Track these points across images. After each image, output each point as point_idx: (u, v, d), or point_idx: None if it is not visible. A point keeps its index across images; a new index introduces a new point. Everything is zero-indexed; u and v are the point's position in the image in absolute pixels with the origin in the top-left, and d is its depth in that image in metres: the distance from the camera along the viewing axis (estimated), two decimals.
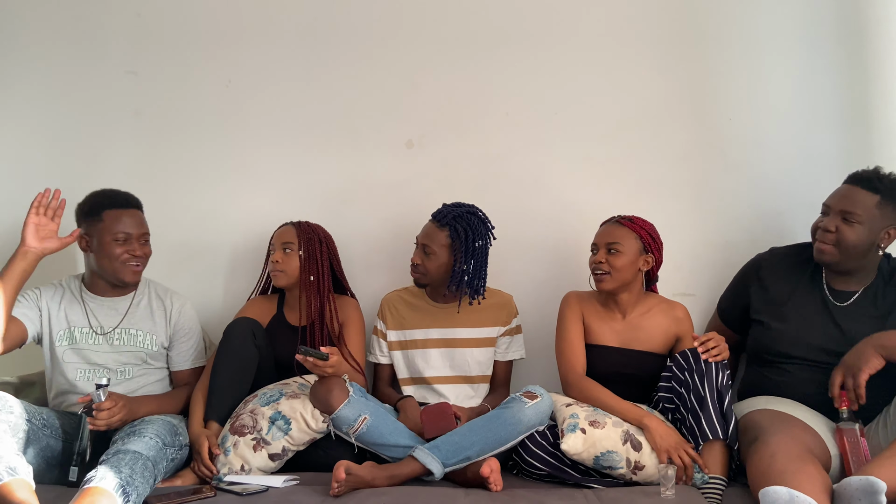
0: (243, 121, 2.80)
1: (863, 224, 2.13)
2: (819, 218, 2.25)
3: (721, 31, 2.78)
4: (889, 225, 2.15)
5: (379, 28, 2.81)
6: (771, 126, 2.75)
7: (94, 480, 1.74)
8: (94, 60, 2.80)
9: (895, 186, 2.15)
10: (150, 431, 2.01)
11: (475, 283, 2.45)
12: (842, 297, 2.24)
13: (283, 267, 2.45)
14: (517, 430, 2.10)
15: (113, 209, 2.30)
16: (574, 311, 2.40)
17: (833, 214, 2.18)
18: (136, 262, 2.29)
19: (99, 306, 2.34)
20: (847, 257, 2.18)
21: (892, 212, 2.15)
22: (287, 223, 2.54)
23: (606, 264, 2.31)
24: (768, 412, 2.13)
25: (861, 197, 2.14)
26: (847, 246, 2.15)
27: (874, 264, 2.23)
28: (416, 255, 2.49)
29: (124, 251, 2.27)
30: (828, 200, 2.23)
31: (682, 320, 2.39)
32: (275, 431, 2.15)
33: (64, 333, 2.29)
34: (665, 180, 2.76)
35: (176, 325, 2.39)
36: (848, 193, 2.17)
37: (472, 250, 2.43)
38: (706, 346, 2.15)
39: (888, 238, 2.17)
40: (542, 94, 2.79)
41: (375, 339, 2.59)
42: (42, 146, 2.79)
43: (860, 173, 2.19)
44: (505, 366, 2.56)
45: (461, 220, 2.45)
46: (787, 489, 1.72)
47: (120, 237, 2.27)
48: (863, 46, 2.75)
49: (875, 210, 2.13)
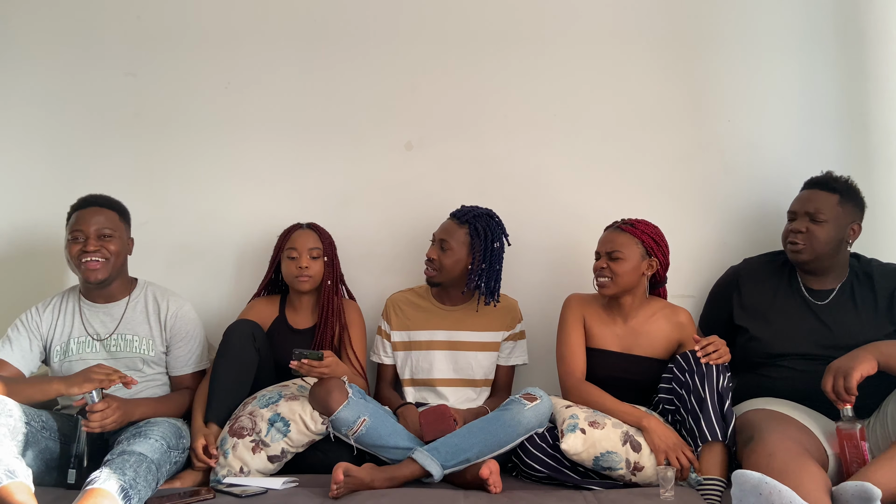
0: (242, 123, 2.80)
1: (829, 222, 2.30)
2: (787, 224, 2.40)
3: (720, 33, 2.79)
4: (852, 221, 2.34)
5: (378, 30, 2.82)
6: (770, 127, 2.76)
7: (98, 482, 1.74)
8: (93, 63, 2.81)
9: (849, 187, 2.35)
10: (155, 433, 2.00)
11: (491, 283, 2.47)
12: (821, 296, 2.36)
13: (311, 272, 2.45)
14: (516, 433, 2.10)
15: (76, 211, 2.29)
16: (575, 315, 2.40)
17: (801, 217, 2.35)
18: (91, 258, 2.23)
19: (94, 313, 2.32)
20: (820, 254, 2.32)
21: (853, 209, 2.34)
22: (302, 226, 2.54)
23: (608, 270, 2.31)
24: (763, 412, 2.14)
25: (823, 198, 2.32)
26: (819, 243, 2.31)
27: (845, 261, 2.39)
28: (433, 250, 2.49)
29: (78, 249, 2.23)
30: (793, 206, 2.40)
31: (685, 326, 2.37)
32: (274, 433, 2.14)
33: (62, 347, 2.29)
34: (664, 182, 2.76)
35: (172, 328, 2.34)
36: (811, 196, 2.35)
37: (491, 250, 2.46)
38: (706, 350, 2.15)
39: (854, 234, 2.35)
40: (542, 96, 2.80)
41: (379, 340, 2.59)
42: (42, 148, 2.79)
43: (817, 178, 2.39)
44: (507, 370, 2.56)
45: (481, 219, 2.48)
46: (758, 474, 1.73)
47: (77, 235, 2.24)
48: (861, 48, 2.76)
49: (838, 208, 2.31)
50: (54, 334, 2.30)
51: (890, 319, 2.28)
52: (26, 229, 2.77)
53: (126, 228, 2.36)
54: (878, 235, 2.64)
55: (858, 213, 2.36)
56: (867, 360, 1.99)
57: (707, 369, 2.12)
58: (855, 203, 2.34)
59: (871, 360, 1.99)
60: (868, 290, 2.34)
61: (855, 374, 1.96)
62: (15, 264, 2.77)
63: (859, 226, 2.36)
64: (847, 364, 2.00)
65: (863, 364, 1.97)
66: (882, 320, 2.28)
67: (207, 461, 2.12)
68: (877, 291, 2.32)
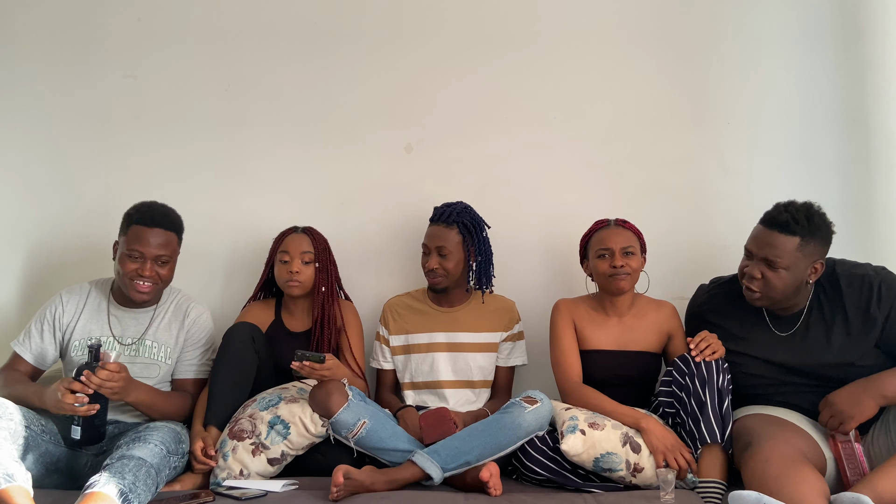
0: (242, 124, 2.80)
1: (788, 269, 2.10)
2: (744, 261, 2.21)
3: (720, 35, 2.79)
4: (814, 260, 2.12)
5: (377, 32, 2.82)
6: (769, 130, 2.76)
7: (97, 485, 1.74)
8: (93, 64, 2.81)
9: (811, 223, 2.10)
10: (154, 438, 2.00)
11: (489, 272, 2.53)
12: (786, 325, 2.21)
13: (301, 278, 2.45)
14: (517, 435, 2.10)
15: (138, 225, 2.26)
16: (565, 319, 2.41)
17: (756, 261, 2.14)
18: (144, 282, 2.24)
19: (122, 316, 2.33)
20: (777, 299, 2.15)
21: (815, 248, 2.11)
22: (296, 230, 2.53)
23: (627, 266, 2.33)
24: (760, 417, 2.13)
25: (780, 242, 2.09)
26: (775, 291, 2.13)
27: (808, 291, 2.21)
28: (432, 260, 2.48)
29: (135, 269, 2.23)
30: (749, 245, 2.19)
31: (672, 317, 2.42)
32: (273, 436, 2.14)
33: (80, 343, 2.29)
34: (664, 184, 2.76)
35: (188, 332, 2.36)
36: (768, 241, 2.11)
37: (482, 241, 2.50)
38: (699, 346, 2.16)
39: (815, 272, 2.14)
40: (541, 98, 2.80)
41: (378, 345, 2.59)
42: (42, 149, 2.79)
43: (775, 216, 2.13)
44: (506, 371, 2.56)
45: (465, 214, 2.50)
46: (756, 493, 1.72)
47: (135, 254, 2.23)
48: (861, 50, 2.76)
49: (797, 253, 2.09)
50: (76, 327, 2.30)
51: (868, 338, 2.12)
52: (26, 229, 2.77)
53: (179, 247, 2.36)
54: (879, 236, 2.64)
55: (822, 248, 2.13)
56: (868, 408, 1.99)
57: (707, 372, 2.12)
58: (818, 240, 2.11)
59: (873, 408, 1.99)
60: (837, 304, 2.16)
61: (853, 423, 1.98)
62: (15, 264, 2.77)
63: (822, 263, 2.14)
64: (847, 411, 2.00)
65: (864, 413, 1.98)
66: (858, 340, 2.13)
67: (207, 462, 2.11)
68: (847, 307, 2.14)
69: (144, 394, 2.16)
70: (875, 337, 2.12)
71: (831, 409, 2.03)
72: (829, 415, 2.03)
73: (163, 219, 2.28)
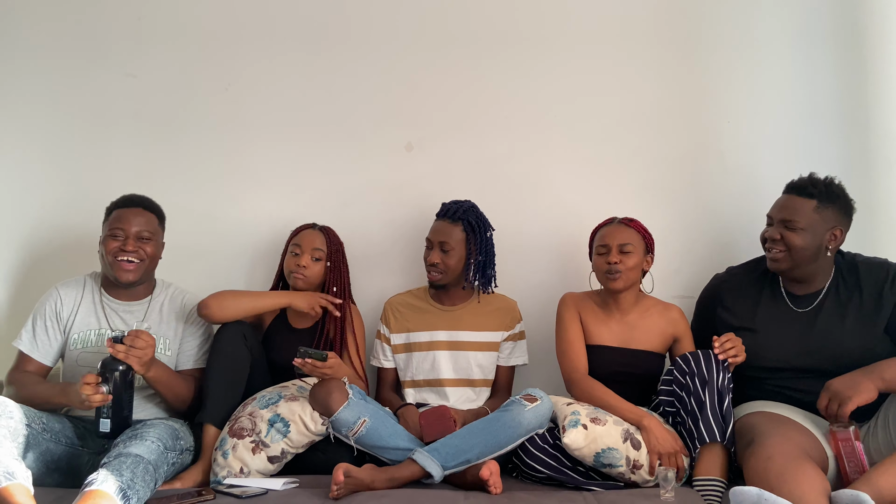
0: (242, 123, 2.80)
1: (805, 229, 2.19)
2: (765, 229, 2.31)
3: (719, 34, 2.79)
4: (832, 226, 2.21)
5: (378, 31, 2.82)
6: (769, 128, 2.76)
7: (96, 483, 1.74)
8: (94, 63, 2.81)
9: (830, 190, 2.21)
10: (152, 435, 2.00)
11: (490, 272, 2.52)
12: (805, 302, 2.28)
13: (308, 272, 2.46)
14: (517, 433, 2.10)
15: (119, 208, 2.31)
16: (571, 312, 2.42)
17: (776, 224, 2.25)
18: (127, 259, 2.25)
19: (115, 310, 2.34)
20: (799, 262, 2.23)
21: (832, 214, 2.21)
22: (314, 226, 2.54)
23: (621, 264, 2.33)
24: (763, 414, 2.13)
25: (798, 204, 2.21)
26: (795, 251, 2.21)
27: (829, 265, 2.28)
28: (434, 255, 2.49)
29: (117, 246, 2.25)
30: (770, 212, 2.30)
31: (678, 321, 2.41)
32: (273, 434, 2.14)
33: (81, 336, 2.29)
34: (664, 182, 2.77)
35: (186, 321, 2.37)
36: (787, 203, 2.24)
37: (485, 240, 2.50)
38: (724, 346, 2.16)
39: (834, 239, 2.22)
40: (541, 97, 2.80)
41: (379, 344, 2.59)
42: (42, 148, 2.79)
43: (795, 182, 2.27)
44: (507, 371, 2.56)
45: (470, 212, 2.50)
46: (757, 490, 1.72)
47: (117, 233, 2.26)
48: (860, 49, 2.76)
49: (814, 214, 2.20)
50: (74, 320, 2.31)
51: (877, 322, 2.18)
52: (26, 227, 2.77)
53: (162, 233, 2.40)
54: (879, 235, 2.64)
55: (841, 217, 2.22)
56: (867, 390, 1.98)
57: (708, 372, 2.12)
58: (837, 207, 2.21)
59: (872, 390, 1.99)
60: (854, 288, 2.24)
61: (851, 405, 1.97)
62: (14, 264, 2.76)
63: (842, 231, 2.22)
64: (845, 392, 1.99)
65: (862, 394, 1.97)
66: (869, 323, 2.19)
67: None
68: (863, 289, 2.22)
69: (163, 370, 2.19)
70: (884, 321, 2.17)
71: (829, 391, 2.03)
72: (826, 398, 2.02)
73: (142, 200, 2.34)
